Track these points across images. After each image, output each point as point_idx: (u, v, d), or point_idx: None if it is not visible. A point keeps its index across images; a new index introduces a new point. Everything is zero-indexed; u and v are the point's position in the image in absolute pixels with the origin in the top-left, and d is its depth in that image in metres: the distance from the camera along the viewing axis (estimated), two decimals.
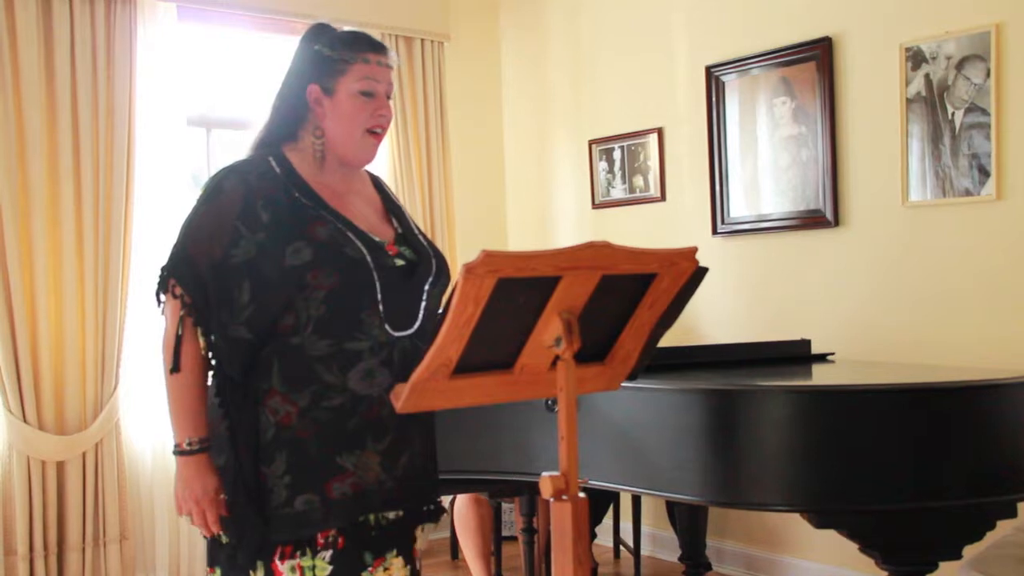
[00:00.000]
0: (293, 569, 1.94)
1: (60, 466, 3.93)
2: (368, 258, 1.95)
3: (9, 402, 3.82)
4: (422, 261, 2.07)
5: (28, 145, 3.85)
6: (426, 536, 2.16)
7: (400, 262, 2.03)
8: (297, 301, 1.91)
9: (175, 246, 1.96)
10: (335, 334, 1.93)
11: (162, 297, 1.96)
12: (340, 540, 1.95)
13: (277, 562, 1.94)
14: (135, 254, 4.10)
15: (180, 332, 1.93)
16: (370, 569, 1.98)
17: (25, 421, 3.84)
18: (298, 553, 1.93)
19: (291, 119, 2.04)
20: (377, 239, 2.02)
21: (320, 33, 2.04)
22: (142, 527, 4.17)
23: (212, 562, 2.04)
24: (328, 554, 1.94)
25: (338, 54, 2.00)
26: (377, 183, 2.23)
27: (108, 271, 4.00)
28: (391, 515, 2.03)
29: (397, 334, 1.98)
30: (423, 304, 2.04)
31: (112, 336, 4.01)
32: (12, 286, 3.79)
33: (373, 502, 1.98)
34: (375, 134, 2.04)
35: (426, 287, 2.05)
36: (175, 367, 1.94)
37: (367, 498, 1.96)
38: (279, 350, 1.93)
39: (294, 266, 1.89)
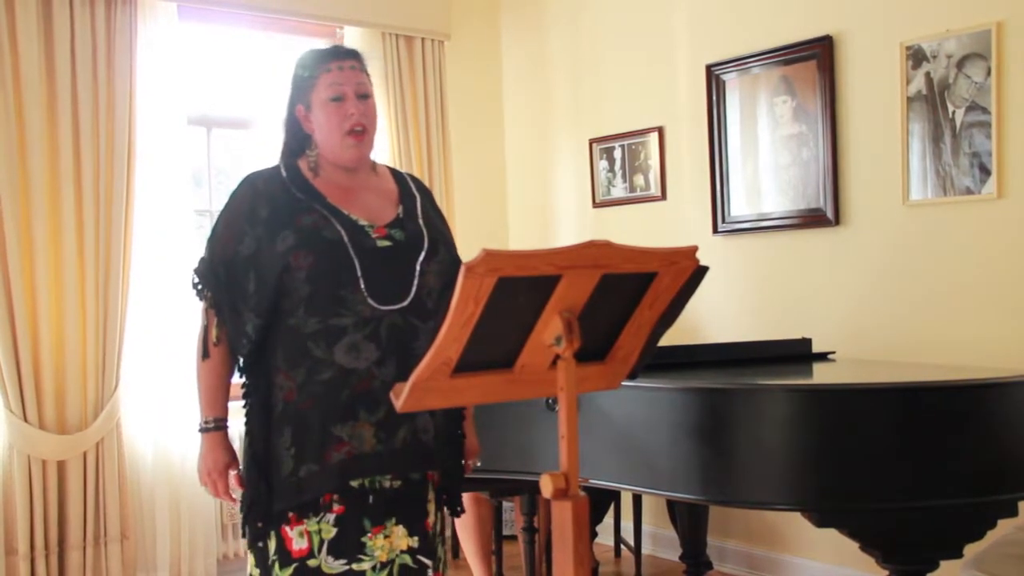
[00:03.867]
0: (301, 534, 2.09)
1: (61, 465, 3.94)
2: (345, 239, 2.11)
3: (10, 401, 3.82)
4: (410, 240, 2.19)
5: (29, 144, 3.85)
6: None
7: (385, 243, 2.15)
8: (287, 282, 2.09)
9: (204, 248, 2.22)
10: (321, 311, 2.09)
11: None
12: (340, 507, 2.08)
13: (287, 528, 2.10)
14: (136, 253, 4.10)
15: (206, 323, 2.18)
16: (369, 535, 2.09)
17: (26, 420, 3.84)
18: (304, 519, 2.08)
19: (295, 139, 2.25)
20: (362, 223, 2.16)
21: (301, 58, 2.25)
22: (143, 526, 4.17)
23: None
24: (332, 517, 2.08)
25: (308, 71, 2.20)
26: (399, 178, 2.34)
27: (109, 270, 4.00)
28: (390, 484, 2.13)
29: (384, 308, 2.09)
30: (416, 280, 2.14)
31: (113, 335, 4.01)
32: (13, 285, 3.79)
33: (365, 466, 2.09)
34: (355, 133, 2.18)
35: (419, 264, 2.15)
36: (205, 354, 2.18)
37: (360, 462, 2.09)
38: (281, 332, 2.12)
39: (281, 252, 2.09)
